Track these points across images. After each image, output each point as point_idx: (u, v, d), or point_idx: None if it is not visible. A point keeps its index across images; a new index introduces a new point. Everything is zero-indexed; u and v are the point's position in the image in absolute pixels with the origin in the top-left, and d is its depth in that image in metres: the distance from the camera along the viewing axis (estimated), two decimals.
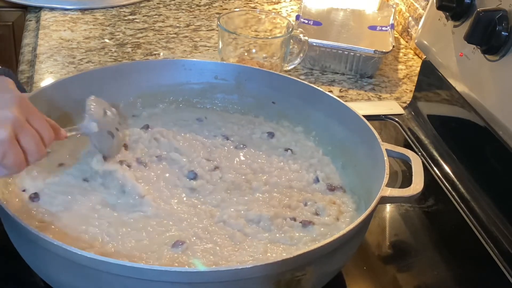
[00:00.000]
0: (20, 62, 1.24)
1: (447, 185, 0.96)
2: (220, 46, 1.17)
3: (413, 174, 0.76)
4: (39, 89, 0.89)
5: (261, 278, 0.61)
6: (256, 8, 1.53)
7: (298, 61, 1.19)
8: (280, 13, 1.50)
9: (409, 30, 1.42)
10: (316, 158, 0.89)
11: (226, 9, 1.52)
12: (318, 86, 0.92)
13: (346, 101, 0.95)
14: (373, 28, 1.30)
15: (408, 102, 1.17)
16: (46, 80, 1.15)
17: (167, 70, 0.95)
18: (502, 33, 0.84)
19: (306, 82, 0.94)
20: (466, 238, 0.87)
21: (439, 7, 0.97)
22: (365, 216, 0.67)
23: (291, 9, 1.54)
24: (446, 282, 0.81)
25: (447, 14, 0.98)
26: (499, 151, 0.89)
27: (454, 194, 0.94)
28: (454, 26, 0.97)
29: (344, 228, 0.66)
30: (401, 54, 1.37)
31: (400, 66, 1.32)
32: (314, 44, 1.21)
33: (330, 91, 1.12)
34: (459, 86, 0.97)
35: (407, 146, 1.00)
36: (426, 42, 1.07)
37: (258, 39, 1.17)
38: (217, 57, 1.23)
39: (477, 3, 0.92)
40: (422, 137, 1.07)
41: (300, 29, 1.20)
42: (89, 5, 1.46)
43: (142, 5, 1.51)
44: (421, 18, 1.15)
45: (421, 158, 0.80)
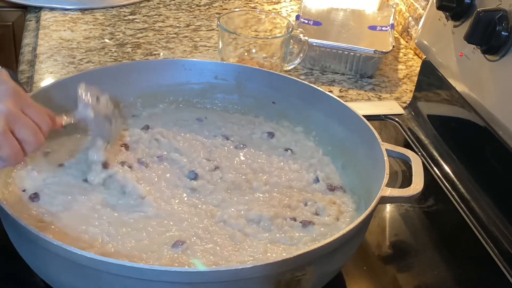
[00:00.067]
0: (20, 62, 1.24)
1: (447, 185, 0.96)
2: (220, 46, 1.17)
3: (413, 174, 0.76)
4: (39, 89, 0.89)
5: (261, 278, 0.61)
6: (256, 8, 1.53)
7: (298, 61, 1.19)
8: (280, 13, 1.50)
9: (409, 30, 1.42)
10: (316, 158, 0.89)
11: (226, 9, 1.52)
12: (318, 86, 0.92)
13: (346, 101, 0.95)
14: (373, 28, 1.30)
15: (408, 102, 1.17)
16: (46, 80, 1.15)
17: (167, 70, 0.95)
18: (502, 33, 0.84)
19: (306, 82, 0.94)
20: (466, 238, 0.87)
21: (439, 7, 0.97)
22: (365, 216, 0.67)
23: (291, 9, 1.54)
24: (446, 282, 0.81)
25: (447, 14, 0.98)
26: (499, 151, 0.89)
27: (454, 194, 0.94)
28: (454, 26, 0.97)
29: (344, 228, 0.66)
30: (401, 54, 1.37)
31: (400, 66, 1.32)
32: (314, 44, 1.21)
33: (330, 91, 1.12)
34: (459, 86, 0.97)
35: (407, 146, 1.00)
36: (426, 42, 1.07)
37: (258, 39, 1.17)
38: (217, 57, 1.23)
39: (477, 3, 0.92)
40: (422, 137, 1.07)
41: (300, 29, 1.19)
42: (89, 5, 1.46)
43: (142, 5, 1.51)
44: (421, 18, 1.15)
45: (421, 158, 0.80)
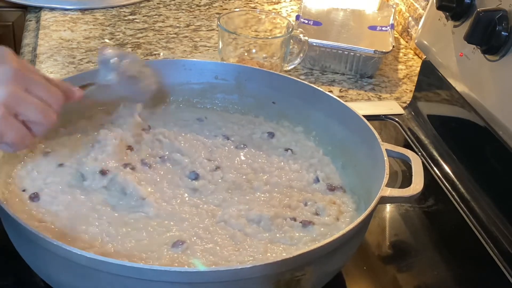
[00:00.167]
0: None
1: (447, 185, 0.96)
2: (220, 46, 1.17)
3: (413, 174, 0.76)
4: None
5: (261, 278, 0.61)
6: (256, 8, 1.53)
7: (298, 61, 1.19)
8: (280, 13, 1.50)
9: (409, 30, 1.42)
10: (316, 158, 0.89)
11: (226, 9, 1.52)
12: (318, 86, 0.92)
13: (346, 101, 0.95)
14: (373, 28, 1.30)
15: (408, 102, 1.17)
16: None
17: (167, 70, 0.95)
18: (502, 33, 0.84)
19: (306, 82, 0.94)
20: (466, 238, 0.87)
21: (439, 7, 0.97)
22: (365, 216, 0.67)
23: (291, 9, 1.54)
24: (446, 282, 0.81)
25: (447, 14, 0.98)
26: (499, 151, 0.89)
27: (454, 194, 0.94)
28: (454, 26, 0.97)
29: (344, 228, 0.66)
30: (401, 54, 1.37)
31: (400, 66, 1.32)
32: (314, 44, 1.21)
33: (330, 91, 1.12)
34: (459, 86, 0.97)
35: (407, 146, 1.00)
36: (426, 42, 1.07)
37: (258, 39, 1.17)
38: (217, 57, 1.23)
39: (477, 3, 0.92)
40: (422, 137, 1.07)
41: (300, 29, 1.19)
42: (89, 5, 1.46)
43: (142, 5, 1.51)
44: (421, 18, 1.15)
45: (421, 158, 0.80)
